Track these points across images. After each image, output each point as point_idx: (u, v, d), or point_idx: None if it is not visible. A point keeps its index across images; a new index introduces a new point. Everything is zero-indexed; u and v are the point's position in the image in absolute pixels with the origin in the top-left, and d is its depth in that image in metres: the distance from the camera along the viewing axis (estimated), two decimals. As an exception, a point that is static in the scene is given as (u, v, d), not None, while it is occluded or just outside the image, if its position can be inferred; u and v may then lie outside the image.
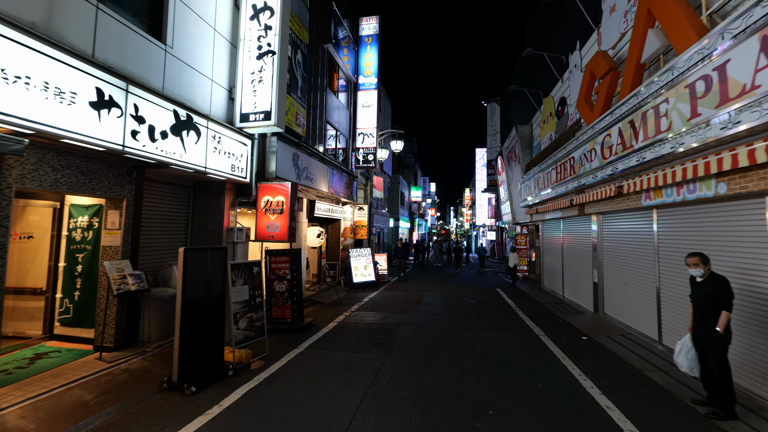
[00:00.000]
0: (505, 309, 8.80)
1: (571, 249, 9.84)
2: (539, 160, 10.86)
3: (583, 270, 8.79)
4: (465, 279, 15.22)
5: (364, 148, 12.96)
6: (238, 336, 4.73)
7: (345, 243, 12.39)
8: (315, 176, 8.97)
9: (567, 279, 10.15)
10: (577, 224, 9.21)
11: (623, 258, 6.87)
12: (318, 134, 9.82)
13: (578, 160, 7.35)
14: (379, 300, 9.70)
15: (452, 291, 11.48)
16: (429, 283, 13.26)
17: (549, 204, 10.36)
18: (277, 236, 6.45)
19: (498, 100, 20.95)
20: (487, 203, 33.23)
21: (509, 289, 12.37)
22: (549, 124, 11.24)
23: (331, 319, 7.40)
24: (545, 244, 12.61)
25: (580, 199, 7.81)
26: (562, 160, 8.34)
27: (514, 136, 14.65)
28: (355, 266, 11.61)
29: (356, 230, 13.33)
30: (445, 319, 7.52)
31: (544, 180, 10.22)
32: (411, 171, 36.29)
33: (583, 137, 7.03)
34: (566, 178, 8.18)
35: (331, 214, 10.80)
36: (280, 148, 7.12)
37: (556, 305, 9.53)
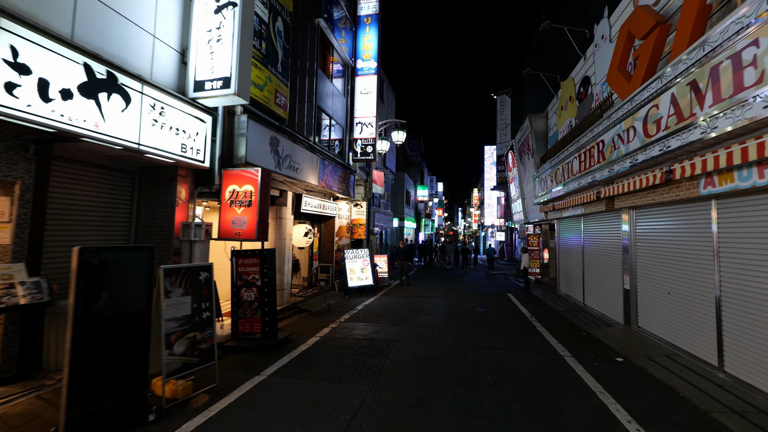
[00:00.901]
0: (518, 319, 7.56)
1: (594, 250, 8.56)
2: (557, 150, 9.60)
3: (610, 275, 7.52)
4: (473, 282, 13.98)
5: (362, 139, 11.82)
6: (172, 364, 3.61)
7: (340, 243, 11.25)
8: (301, 166, 7.86)
9: (588, 284, 8.87)
10: (603, 221, 7.94)
11: (665, 261, 5.60)
12: (307, 120, 8.71)
13: (609, 144, 6.09)
14: (375, 308, 8.53)
15: (458, 297, 10.26)
16: (433, 288, 12.05)
17: (568, 199, 9.09)
18: (244, 234, 5.33)
19: (508, 91, 19.61)
20: (496, 202, 31.83)
21: (521, 295, 11.10)
22: (568, 110, 9.97)
23: (314, 332, 6.25)
24: (562, 245, 11.32)
25: (609, 191, 6.55)
26: (588, 146, 7.08)
27: (526, 127, 13.37)
28: (350, 269, 10.47)
29: (353, 229, 12.18)
30: (448, 333, 6.32)
31: (563, 172, 8.96)
32: (417, 169, 35.10)
33: (616, 115, 5.78)
34: (592, 166, 6.93)
35: (323, 211, 9.68)
36: (253, 129, 6.01)
37: (576, 314, 8.26)
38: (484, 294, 11.06)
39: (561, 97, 10.57)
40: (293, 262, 10.48)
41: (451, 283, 13.64)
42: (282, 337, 5.56)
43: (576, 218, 9.71)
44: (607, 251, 7.78)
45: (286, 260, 7.93)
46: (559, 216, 10.78)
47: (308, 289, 10.15)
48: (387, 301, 9.45)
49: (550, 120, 11.83)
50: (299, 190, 8.39)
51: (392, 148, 19.04)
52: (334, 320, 7.16)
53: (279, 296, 7.67)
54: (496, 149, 29.50)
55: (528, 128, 13.04)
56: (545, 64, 11.67)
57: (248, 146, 5.83)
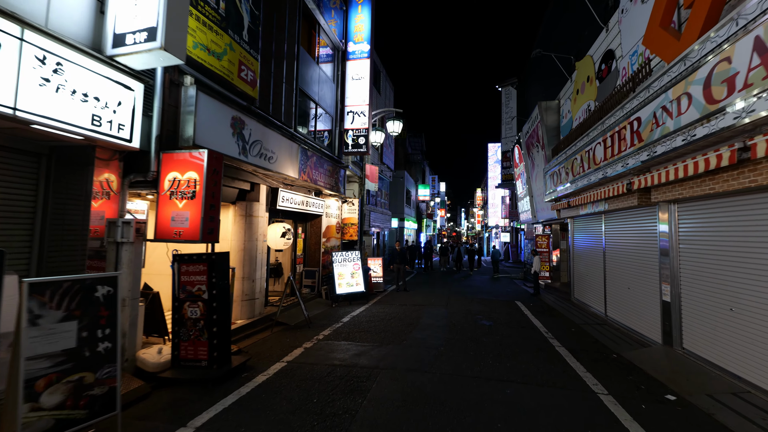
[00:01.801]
0: (532, 336, 6.36)
1: (618, 253, 7.35)
2: (574, 138, 8.40)
3: (642, 283, 6.31)
4: (476, 288, 12.77)
5: (353, 130, 10.67)
6: (35, 423, 2.45)
7: (328, 245, 10.10)
8: (276, 155, 6.71)
9: (612, 293, 7.66)
10: (631, 219, 6.72)
11: (727, 268, 4.39)
12: (286, 104, 7.57)
13: (648, 121, 4.90)
14: (364, 320, 7.35)
15: (460, 305, 9.07)
16: (432, 294, 10.85)
17: (587, 194, 7.89)
18: (186, 234, 4.19)
19: (514, 82, 18.38)
20: (501, 202, 30.57)
21: (531, 303, 9.89)
22: (585, 93, 8.77)
23: (282, 354, 5.09)
24: (577, 247, 10.09)
25: (645, 181, 5.35)
26: (617, 128, 5.88)
27: (535, 117, 12.16)
28: (339, 274, 9.31)
29: (344, 229, 11.03)
30: (447, 356, 5.13)
31: (581, 162, 7.76)
32: (419, 168, 33.92)
33: (658, 84, 4.59)
34: (622, 152, 5.73)
35: (306, 209, 8.53)
36: (206, 105, 4.87)
37: (599, 328, 7.05)
38: (490, 302, 9.85)
39: (576, 79, 9.37)
40: (275, 266, 9.36)
41: (452, 288, 12.44)
42: (236, 364, 4.40)
43: (595, 216, 8.50)
44: (637, 254, 6.57)
45: (258, 265, 6.79)
46: (574, 214, 9.56)
47: (291, 296, 9.00)
48: (379, 311, 8.27)
49: (563, 107, 10.62)
50: (275, 183, 7.24)
51: (390, 144, 17.88)
52: (312, 337, 6.00)
53: (249, 307, 6.53)
54: (500, 146, 28.26)
55: (537, 118, 11.83)
56: (557, 44, 10.48)
57: (198, 125, 4.69)
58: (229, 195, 6.33)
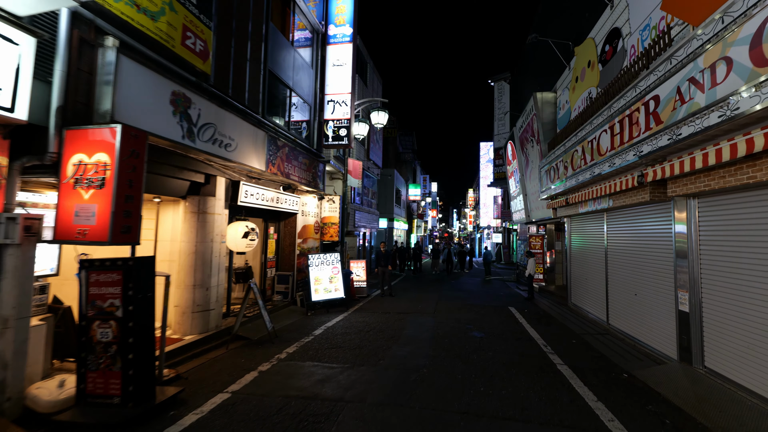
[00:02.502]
0: (529, 351, 5.54)
1: (623, 255, 6.60)
2: (573, 129, 7.64)
3: (653, 289, 5.54)
4: (467, 291, 11.96)
5: (334, 121, 9.77)
6: None
7: (304, 246, 9.18)
8: (236, 143, 5.79)
9: (615, 299, 6.91)
10: (641, 216, 5.96)
11: (760, 273, 3.62)
12: (252, 86, 6.64)
13: (669, 99, 4.11)
14: (339, 332, 6.46)
15: (449, 313, 8.23)
16: (420, 300, 9.99)
17: (588, 189, 7.13)
18: (92, 233, 3.25)
19: (507, 77, 17.65)
20: (493, 202, 29.91)
21: (526, 309, 9.10)
22: (586, 80, 8.02)
23: (229, 381, 4.16)
24: (575, 248, 9.35)
25: (661, 172, 4.57)
26: (627, 111, 5.10)
27: (530, 110, 11.42)
28: (315, 278, 8.39)
29: (324, 229, 10.11)
30: (430, 382, 4.25)
31: (582, 155, 6.99)
32: (409, 167, 33.12)
33: (684, 52, 3.80)
34: (634, 138, 4.94)
35: (277, 206, 7.61)
36: (134, 73, 3.94)
37: (601, 338, 6.28)
38: (481, 308, 9.03)
39: (575, 66, 8.63)
40: (243, 270, 8.40)
41: (442, 292, 11.59)
42: (163, 399, 3.47)
43: (596, 214, 7.75)
44: (646, 257, 5.81)
45: (214, 270, 5.85)
46: (572, 212, 8.81)
47: (264, 303, 8.04)
48: (358, 320, 7.38)
49: (560, 98, 9.88)
50: (236, 175, 6.30)
51: (378, 140, 17.02)
52: (273, 356, 5.08)
53: (202, 320, 5.59)
54: (492, 144, 27.59)
55: (532, 110, 11.08)
56: (554, 30, 9.73)
57: (120, 97, 3.75)
58: (177, 188, 5.38)
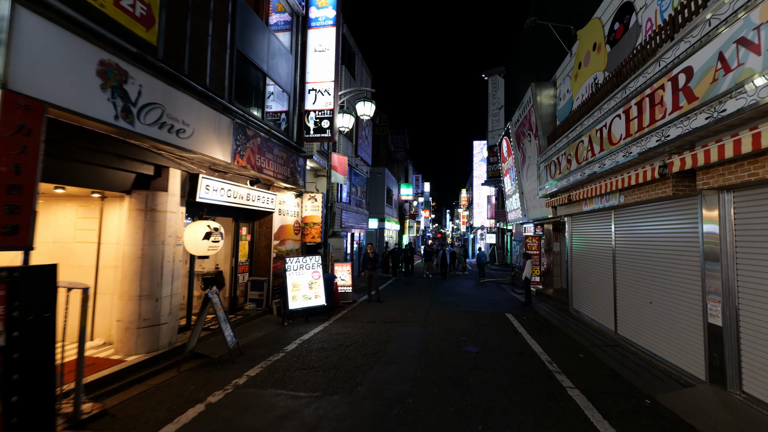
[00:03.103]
0: (533, 371, 4.77)
1: (636, 257, 5.89)
2: (578, 118, 6.93)
3: (674, 297, 4.83)
4: (461, 296, 11.20)
5: (316, 111, 8.95)
6: None
7: (282, 249, 8.34)
8: (192, 129, 4.95)
9: (625, 307, 6.19)
10: (658, 214, 5.25)
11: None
12: (215, 67, 5.79)
13: (707, 70, 3.37)
14: (315, 347, 5.63)
15: (441, 322, 7.45)
16: (409, 306, 9.20)
17: (594, 185, 6.42)
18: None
19: (502, 71, 16.98)
20: (487, 201, 29.28)
21: (525, 315, 8.37)
22: (591, 65, 7.31)
23: (164, 420, 3.30)
24: (576, 249, 8.65)
25: (692, 160, 3.85)
26: (648, 90, 4.37)
27: (528, 102, 10.71)
28: (293, 284, 7.55)
29: (305, 230, 9.27)
30: (415, 417, 3.44)
31: (589, 146, 6.28)
32: (401, 167, 32.35)
33: (728, 9, 3.08)
34: (658, 121, 4.21)
35: (248, 204, 6.77)
36: (39, 30, 3.10)
37: (612, 352, 5.55)
38: (476, 315, 8.27)
39: (578, 51, 7.93)
40: (212, 276, 7.53)
41: (434, 297, 10.82)
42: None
43: (603, 213, 7.04)
44: (665, 260, 5.09)
45: (167, 278, 4.99)
46: (574, 211, 8.10)
47: (235, 312, 7.19)
48: (339, 331, 6.57)
49: (560, 88, 9.19)
50: (194, 167, 5.44)
51: (367, 136, 16.21)
52: (230, 380, 4.24)
53: (150, 337, 4.72)
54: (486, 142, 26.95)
55: (530, 102, 10.37)
56: (555, 14, 9.03)
57: (16, 58, 2.89)
58: (118, 181, 4.52)
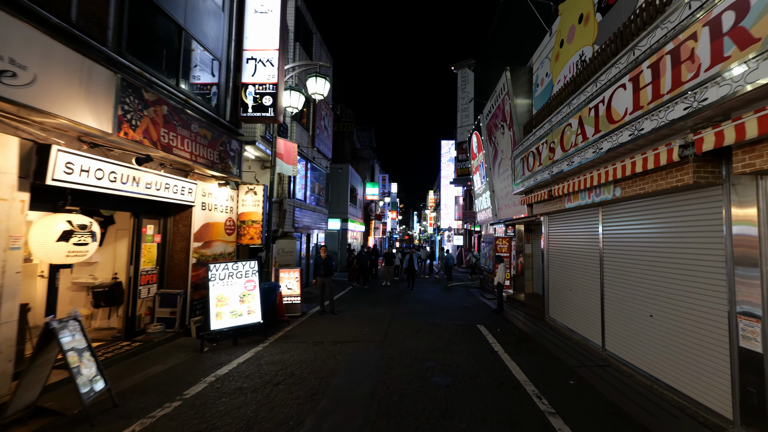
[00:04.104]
0: (521, 411, 3.54)
1: (629, 261, 4.94)
2: (563, 100, 5.94)
3: (685, 312, 3.84)
4: (427, 303, 10.00)
5: (256, 85, 7.40)
6: None
7: (208, 252, 6.70)
8: (31, 74, 3.32)
9: (617, 320, 5.23)
10: (662, 211, 4.26)
11: None
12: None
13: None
14: (229, 390, 4.11)
15: (404, 339, 6.15)
16: (368, 318, 7.84)
17: (582, 177, 5.43)
18: None
19: (471, 64, 16.12)
20: (454, 202, 28.61)
21: (499, 327, 7.29)
22: (577, 40, 6.37)
23: None
24: (554, 252, 7.73)
25: (735, 133, 2.82)
26: (668, 46, 3.33)
27: (501, 90, 9.75)
28: (219, 297, 5.94)
29: (241, 229, 7.65)
30: None
31: (579, 128, 5.27)
32: (367, 165, 31.02)
33: None
34: (684, 84, 3.17)
35: (154, 194, 5.14)
36: None
37: (605, 374, 4.51)
38: (445, 328, 7.07)
39: (560, 28, 7.00)
40: (108, 289, 5.78)
41: (397, 305, 9.52)
42: None
43: (589, 210, 6.10)
44: (670, 265, 4.11)
45: None
46: (555, 208, 7.15)
47: (131, 339, 5.46)
48: (273, 359, 5.08)
49: (538, 72, 8.26)
50: (44, 135, 3.76)
51: (327, 127, 14.67)
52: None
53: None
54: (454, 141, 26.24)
55: (503, 90, 9.40)
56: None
57: None
58: None
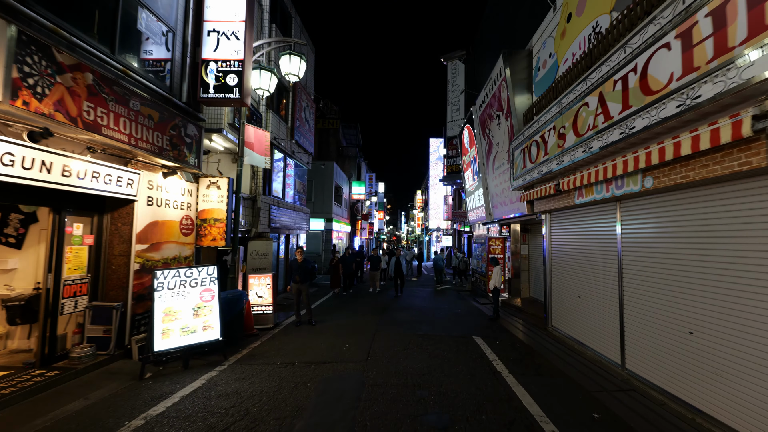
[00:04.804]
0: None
1: (658, 265, 4.13)
2: (575, 77, 5.11)
3: (749, 332, 3.00)
4: (417, 310, 9.07)
5: (219, 61, 6.36)
6: None
7: (156, 257, 5.62)
8: None
9: (641, 335, 4.40)
10: (719, 203, 3.43)
11: None
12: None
13: None
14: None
15: (390, 359, 5.19)
16: (349, 331, 6.85)
17: (602, 165, 4.60)
18: None
19: (462, 55, 15.32)
20: (443, 202, 27.85)
21: (498, 339, 6.41)
22: (589, 10, 5.54)
23: None
24: (557, 254, 6.93)
25: None
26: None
27: (497, 76, 8.91)
28: (167, 311, 4.87)
29: (202, 229, 6.58)
30: None
31: (596, 108, 4.42)
32: (353, 163, 29.99)
33: None
34: (757, 36, 2.33)
35: (76, 185, 4.07)
36: None
37: (630, 401, 3.61)
38: (438, 342, 6.14)
39: (567, 0, 6.17)
40: (24, 303, 4.65)
41: (383, 315, 8.56)
42: None
43: (605, 206, 5.28)
44: (722, 274, 3.28)
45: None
46: (560, 205, 6.33)
47: (49, 365, 4.34)
48: (227, 391, 4.05)
49: (539, 54, 7.44)
50: None
51: (308, 119, 13.60)
52: None
53: None
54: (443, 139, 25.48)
55: (500, 76, 8.56)
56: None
57: None
58: None
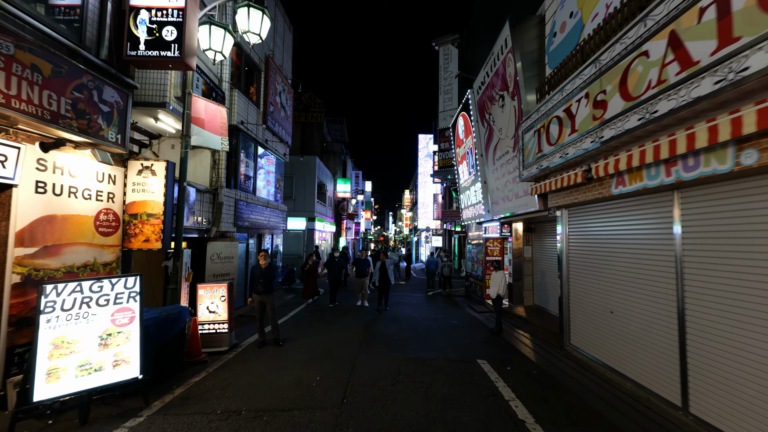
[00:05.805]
0: None
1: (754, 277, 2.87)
2: (619, 25, 3.87)
3: None
4: (407, 322, 7.71)
5: (153, 10, 4.90)
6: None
7: (51, 266, 4.13)
8: None
9: (716, 374, 3.14)
10: None
11: None
12: None
13: None
14: None
15: (375, 400, 3.81)
16: (323, 356, 5.43)
17: (669, 136, 3.35)
18: None
19: (455, 39, 14.09)
20: (433, 201, 26.65)
21: (508, 362, 5.09)
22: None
23: None
24: (578, 258, 5.70)
25: None
26: None
27: (500, 51, 7.64)
28: (59, 341, 3.38)
29: (130, 227, 5.09)
30: None
31: (662, 59, 3.16)
32: (339, 160, 28.47)
33: None
34: None
35: None
36: None
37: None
38: (434, 370, 4.79)
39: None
40: None
41: (368, 330, 7.17)
42: None
43: (652, 198, 4.05)
44: None
45: None
46: (587, 198, 5.10)
47: None
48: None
49: (555, 17, 6.20)
50: None
51: (284, 105, 12.10)
52: None
53: None
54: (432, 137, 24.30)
55: (504, 48, 7.29)
56: None
57: None
58: None
